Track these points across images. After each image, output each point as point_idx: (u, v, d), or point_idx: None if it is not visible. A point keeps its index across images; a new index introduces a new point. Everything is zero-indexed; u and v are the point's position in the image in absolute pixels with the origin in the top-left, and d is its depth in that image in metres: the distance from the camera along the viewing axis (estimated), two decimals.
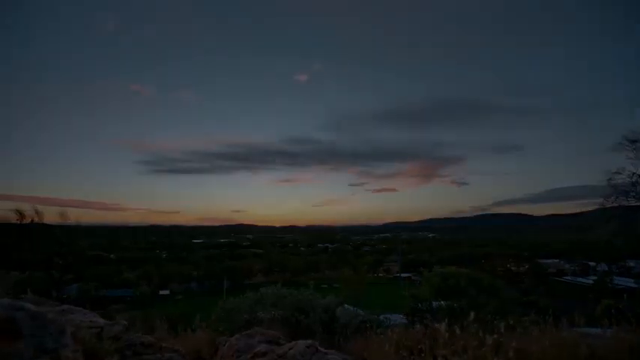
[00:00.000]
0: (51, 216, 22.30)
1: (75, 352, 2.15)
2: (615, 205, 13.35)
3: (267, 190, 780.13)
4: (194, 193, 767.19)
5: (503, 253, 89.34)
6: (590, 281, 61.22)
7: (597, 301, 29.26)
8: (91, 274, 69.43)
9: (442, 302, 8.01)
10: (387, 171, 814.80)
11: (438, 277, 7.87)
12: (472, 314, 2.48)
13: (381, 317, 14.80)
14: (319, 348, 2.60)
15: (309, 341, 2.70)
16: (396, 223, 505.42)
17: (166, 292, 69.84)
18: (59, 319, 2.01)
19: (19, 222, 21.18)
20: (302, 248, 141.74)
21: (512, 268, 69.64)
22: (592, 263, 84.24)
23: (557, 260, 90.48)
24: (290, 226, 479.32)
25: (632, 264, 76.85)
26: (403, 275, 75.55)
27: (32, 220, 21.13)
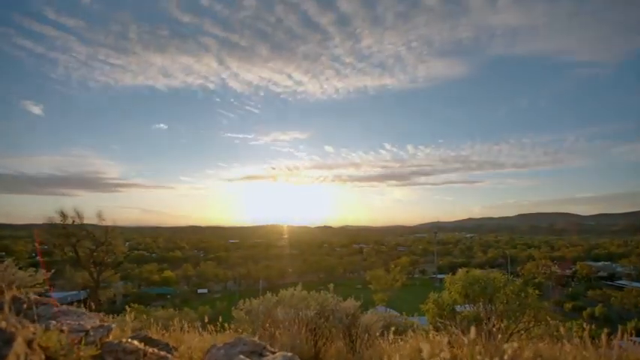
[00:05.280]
0: (90, 217, 23.65)
1: None
2: None
3: (303, 191, 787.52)
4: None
5: (548, 255, 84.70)
6: None
7: None
8: (134, 273, 73.25)
9: (466, 307, 7.45)
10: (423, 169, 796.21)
11: (462, 281, 7.32)
12: (472, 330, 2.10)
13: (409, 320, 14.26)
14: None
15: (289, 354, 2.43)
16: (433, 223, 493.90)
17: (204, 291, 72.09)
18: (10, 327, 1.84)
19: (62, 223, 22.57)
20: (337, 249, 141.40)
21: (557, 271, 65.70)
22: None
23: (609, 263, 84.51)
24: (324, 226, 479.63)
25: None
26: (439, 276, 73.71)
27: (73, 221, 22.43)
